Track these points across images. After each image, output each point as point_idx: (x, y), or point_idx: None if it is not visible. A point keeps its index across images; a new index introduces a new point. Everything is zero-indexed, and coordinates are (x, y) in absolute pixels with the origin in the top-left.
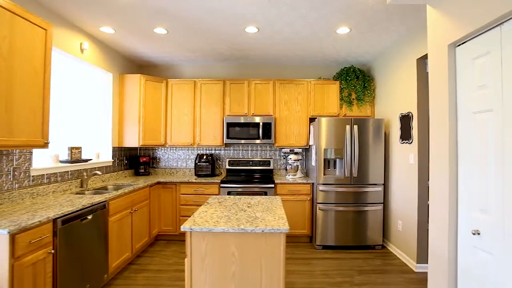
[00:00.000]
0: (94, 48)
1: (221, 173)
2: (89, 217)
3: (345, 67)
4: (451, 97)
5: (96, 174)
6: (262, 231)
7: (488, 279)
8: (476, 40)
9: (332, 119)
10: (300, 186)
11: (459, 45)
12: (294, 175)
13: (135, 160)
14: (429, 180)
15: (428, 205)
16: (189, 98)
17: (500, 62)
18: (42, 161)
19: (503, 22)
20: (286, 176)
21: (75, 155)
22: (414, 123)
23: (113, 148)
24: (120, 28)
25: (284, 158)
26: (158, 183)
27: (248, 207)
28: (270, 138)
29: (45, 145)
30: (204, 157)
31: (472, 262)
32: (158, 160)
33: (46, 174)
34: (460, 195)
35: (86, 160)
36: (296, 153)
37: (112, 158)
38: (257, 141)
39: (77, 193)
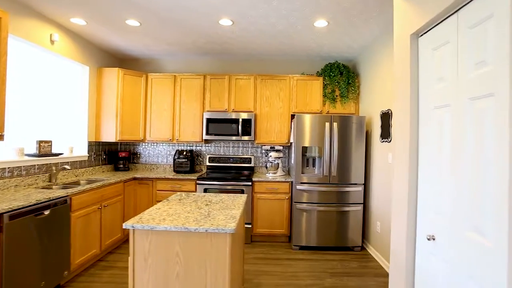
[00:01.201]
0: (66, 40)
1: (201, 169)
2: (46, 212)
3: (329, 63)
4: (413, 91)
5: (64, 168)
6: (206, 230)
7: None
8: (437, 29)
9: (311, 116)
10: (278, 185)
11: (422, 35)
12: (275, 173)
13: (114, 155)
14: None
15: None
16: (169, 93)
17: (457, 52)
18: (4, 154)
19: (460, 8)
20: (267, 174)
21: (44, 149)
22: (394, 121)
23: (90, 142)
24: (91, 19)
25: (266, 156)
26: (134, 178)
27: (207, 205)
28: (250, 135)
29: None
30: (184, 153)
31: (428, 269)
32: (138, 155)
33: (8, 167)
34: (419, 198)
35: (57, 154)
36: (277, 151)
37: (88, 152)
38: (237, 138)
39: (43, 188)
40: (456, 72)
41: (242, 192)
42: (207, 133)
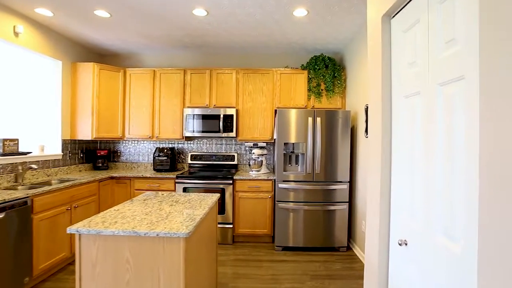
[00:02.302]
0: (33, 32)
1: (184, 168)
2: (1, 215)
3: (314, 56)
4: (385, 79)
5: (31, 168)
6: (157, 235)
7: None
8: (408, 8)
9: (294, 111)
10: (261, 183)
11: (394, 16)
12: (258, 171)
13: (92, 154)
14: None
15: None
16: (149, 89)
17: (427, 32)
18: None
19: None
20: (250, 172)
21: (9, 148)
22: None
23: (65, 141)
24: (57, 10)
25: (250, 153)
26: (111, 177)
27: (171, 205)
28: (232, 131)
29: None
30: (164, 151)
31: (402, 276)
32: (119, 154)
33: None
34: (393, 198)
35: (24, 153)
36: (260, 148)
37: (63, 151)
38: (219, 134)
39: (6, 188)
40: (427, 54)
41: (223, 191)
42: (188, 130)
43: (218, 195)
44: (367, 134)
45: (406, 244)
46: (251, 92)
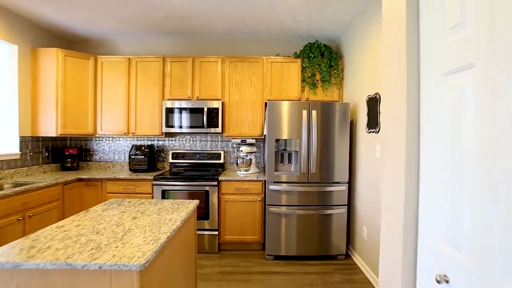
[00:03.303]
0: None
1: (163, 167)
2: None
3: (308, 43)
4: (412, 52)
5: None
6: (100, 267)
7: None
8: None
9: (286, 103)
10: (249, 184)
11: None
12: (247, 171)
13: (59, 153)
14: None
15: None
16: (123, 79)
17: None
18: None
19: None
20: (238, 172)
21: None
22: (383, 106)
23: (25, 138)
24: None
25: (237, 150)
26: (80, 179)
27: (134, 218)
28: (217, 127)
29: None
30: (142, 148)
31: None
32: (92, 152)
33: None
34: (421, 218)
35: None
36: (249, 144)
37: (22, 150)
38: (202, 130)
39: None
40: (489, 8)
41: (206, 193)
42: (168, 125)
43: (196, 202)
44: (369, 129)
45: (447, 282)
46: (239, 83)
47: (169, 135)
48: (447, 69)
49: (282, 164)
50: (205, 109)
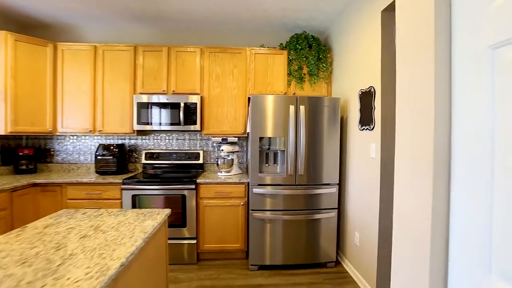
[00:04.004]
0: None
1: (136, 169)
2: None
3: (295, 34)
4: (440, 23)
5: None
6: None
7: None
8: None
9: (271, 97)
10: (231, 187)
11: None
12: (228, 172)
13: (12, 154)
14: (394, 201)
15: (393, 214)
16: (89, 70)
17: None
18: None
19: None
20: (218, 173)
21: None
22: (377, 102)
23: None
24: None
25: (217, 150)
26: (34, 184)
27: (82, 237)
28: (196, 124)
29: None
30: (110, 148)
31: None
32: (52, 152)
33: None
34: (453, 241)
35: None
36: (230, 143)
37: None
38: (179, 128)
39: None
40: None
41: (183, 198)
42: (140, 122)
43: (167, 212)
44: (361, 126)
45: None
46: (219, 76)
47: (142, 133)
48: (497, 39)
49: (267, 164)
50: (182, 105)
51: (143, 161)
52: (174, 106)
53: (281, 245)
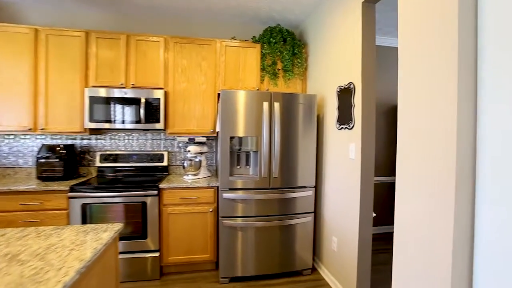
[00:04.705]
0: None
1: (89, 173)
2: None
3: (269, 27)
4: (465, 9)
5: None
6: None
7: None
8: None
9: (243, 93)
10: (198, 192)
11: None
12: (196, 175)
13: None
14: (393, 215)
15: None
16: (27, 57)
17: None
18: None
19: None
20: (184, 177)
21: None
22: (357, 99)
23: None
24: None
25: (184, 151)
26: None
27: None
28: (159, 122)
29: None
30: (56, 149)
31: None
32: None
33: None
34: (483, 257)
35: None
36: (198, 144)
37: None
38: (139, 126)
39: None
40: None
41: (143, 206)
42: (93, 120)
43: (117, 227)
44: (340, 124)
45: None
46: (186, 69)
47: (97, 132)
48: None
49: (238, 167)
50: (143, 100)
51: (98, 164)
52: (133, 102)
53: (254, 254)
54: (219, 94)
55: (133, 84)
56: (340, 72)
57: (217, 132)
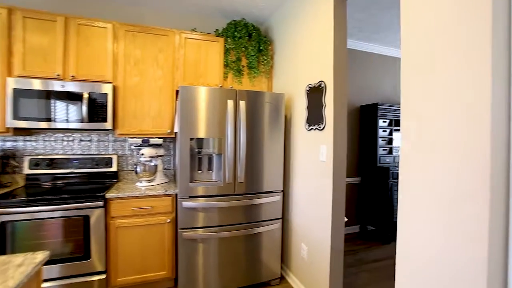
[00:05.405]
0: None
1: (14, 183)
2: None
3: (233, 20)
4: None
5: None
6: None
7: None
8: None
9: (205, 89)
10: (154, 201)
11: None
12: (150, 181)
13: None
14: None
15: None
16: None
17: None
18: None
19: None
20: (137, 184)
21: None
22: (329, 98)
23: None
24: None
25: (137, 154)
26: None
27: None
28: (106, 121)
29: None
30: None
31: None
32: None
33: None
34: None
35: None
36: (153, 146)
37: None
38: (81, 125)
39: None
40: None
41: (85, 220)
42: (18, 117)
43: (39, 259)
44: (309, 125)
45: None
46: (140, 61)
47: (25, 132)
48: None
49: (200, 171)
50: (86, 95)
51: (27, 171)
52: (73, 97)
53: (217, 268)
54: (177, 91)
55: (73, 76)
56: (309, 70)
57: (176, 133)
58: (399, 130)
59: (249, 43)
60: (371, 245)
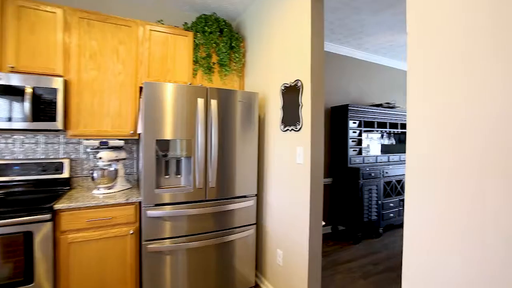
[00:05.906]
0: None
1: None
2: None
3: (203, 15)
4: None
5: None
6: None
7: None
8: None
9: (173, 86)
10: (114, 210)
11: None
12: (110, 188)
13: None
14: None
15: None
16: None
17: None
18: None
19: None
20: (95, 191)
21: None
22: (305, 98)
23: None
24: None
25: (94, 158)
26: None
27: None
28: (54, 120)
29: None
30: None
31: None
32: None
33: None
34: None
35: None
36: (113, 149)
37: None
38: (25, 125)
39: None
40: None
41: (27, 237)
42: None
43: None
44: (284, 126)
45: None
46: (97, 54)
47: None
48: None
49: (167, 176)
50: (30, 90)
51: None
52: (13, 92)
53: (186, 281)
54: (141, 88)
55: (12, 67)
56: (285, 69)
57: (139, 134)
58: (368, 131)
59: (220, 39)
60: (343, 245)
